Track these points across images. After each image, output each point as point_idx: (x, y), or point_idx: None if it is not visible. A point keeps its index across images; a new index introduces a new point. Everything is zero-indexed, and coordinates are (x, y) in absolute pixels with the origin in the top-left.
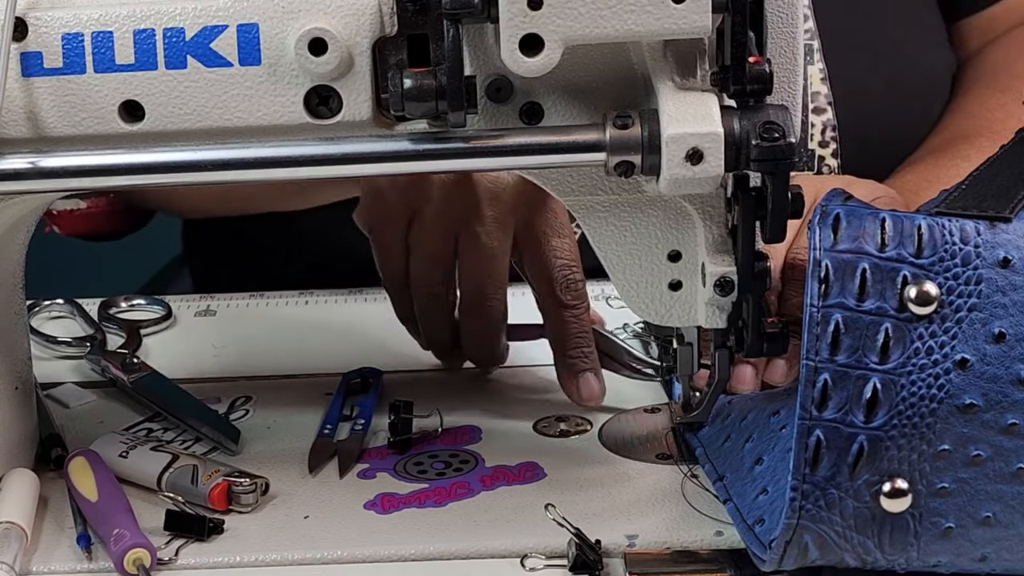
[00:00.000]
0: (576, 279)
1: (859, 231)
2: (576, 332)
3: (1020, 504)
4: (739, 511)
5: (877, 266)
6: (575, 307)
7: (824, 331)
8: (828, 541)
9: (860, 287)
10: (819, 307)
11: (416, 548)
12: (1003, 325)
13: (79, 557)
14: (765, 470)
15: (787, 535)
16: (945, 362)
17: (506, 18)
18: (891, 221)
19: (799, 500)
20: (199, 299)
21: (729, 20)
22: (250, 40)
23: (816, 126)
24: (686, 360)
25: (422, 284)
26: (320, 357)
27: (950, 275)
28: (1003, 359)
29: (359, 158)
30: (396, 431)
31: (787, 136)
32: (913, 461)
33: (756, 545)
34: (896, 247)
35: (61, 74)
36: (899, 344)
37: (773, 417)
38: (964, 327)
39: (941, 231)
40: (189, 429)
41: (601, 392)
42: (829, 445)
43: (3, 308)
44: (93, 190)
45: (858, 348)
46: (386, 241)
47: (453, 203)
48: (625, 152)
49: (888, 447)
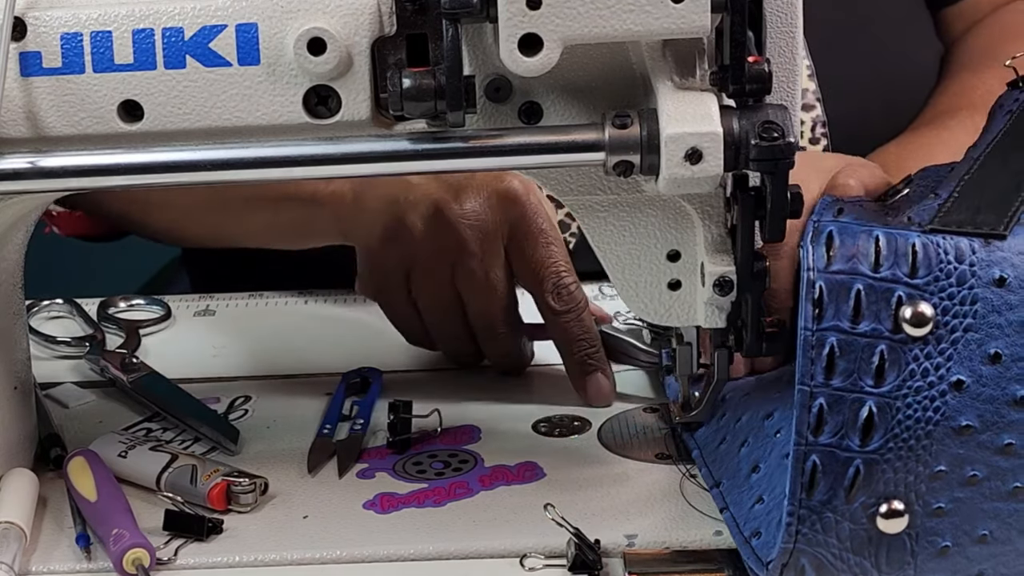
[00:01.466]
0: (565, 283)
1: (852, 250)
2: (578, 335)
3: (1016, 521)
4: (736, 521)
5: (871, 287)
6: (570, 311)
7: (819, 355)
8: (825, 563)
9: (855, 309)
10: (814, 330)
11: (415, 548)
12: (999, 346)
13: (78, 557)
14: (761, 478)
15: (784, 558)
16: (941, 384)
17: (505, 18)
18: (885, 239)
19: (795, 524)
20: (198, 299)
21: (728, 20)
22: (249, 40)
23: (806, 123)
24: (685, 360)
25: (444, 336)
26: (319, 357)
27: (945, 295)
28: (999, 380)
29: (358, 158)
30: (395, 431)
31: (786, 136)
32: (909, 483)
33: (753, 560)
34: (890, 267)
35: (60, 74)
36: (894, 367)
37: (767, 420)
38: (960, 348)
39: (936, 250)
40: (188, 429)
41: (611, 391)
42: (825, 470)
43: (2, 308)
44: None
45: (853, 371)
46: (393, 306)
47: (441, 247)
48: (624, 152)
49: (884, 470)
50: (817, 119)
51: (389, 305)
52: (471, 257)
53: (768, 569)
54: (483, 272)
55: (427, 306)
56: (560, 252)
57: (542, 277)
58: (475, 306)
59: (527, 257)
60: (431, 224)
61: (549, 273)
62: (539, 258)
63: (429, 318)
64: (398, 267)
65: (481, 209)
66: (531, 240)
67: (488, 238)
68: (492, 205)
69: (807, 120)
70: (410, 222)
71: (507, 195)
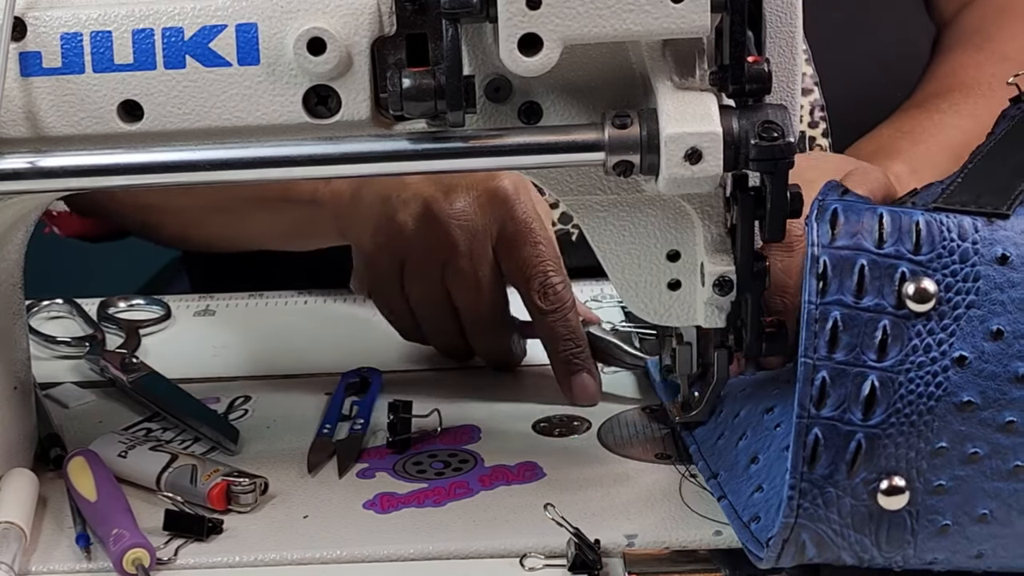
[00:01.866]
0: (552, 283)
1: (857, 227)
2: (564, 334)
3: (1016, 502)
4: (734, 508)
5: (875, 263)
6: (556, 311)
7: (822, 328)
8: (825, 539)
9: (858, 284)
10: (817, 304)
11: (415, 548)
12: (1001, 322)
13: (78, 557)
14: (760, 468)
15: (784, 534)
16: (943, 359)
17: (505, 18)
18: (889, 217)
19: (797, 499)
20: (198, 299)
21: (728, 19)
22: (249, 40)
23: (804, 107)
24: (685, 360)
25: (435, 332)
26: (319, 357)
27: (948, 272)
28: (1001, 356)
29: (358, 158)
30: (395, 431)
31: (786, 136)
32: (911, 459)
33: (752, 543)
34: (894, 243)
35: (60, 74)
36: (897, 341)
37: (767, 414)
38: (962, 324)
39: (939, 227)
40: (188, 429)
41: (596, 390)
42: (827, 443)
43: (2, 308)
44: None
45: (856, 346)
46: (387, 303)
47: (431, 245)
48: (624, 152)
49: (886, 445)
50: (815, 103)
51: (382, 301)
52: (460, 256)
53: (768, 546)
54: (472, 271)
55: (418, 302)
56: (548, 251)
57: (529, 276)
58: (464, 304)
59: (515, 256)
60: (421, 223)
61: (536, 272)
62: (526, 257)
63: (420, 314)
64: (390, 264)
65: (470, 208)
66: (519, 239)
67: (477, 237)
68: (482, 204)
69: (805, 104)
70: (401, 220)
71: (496, 194)
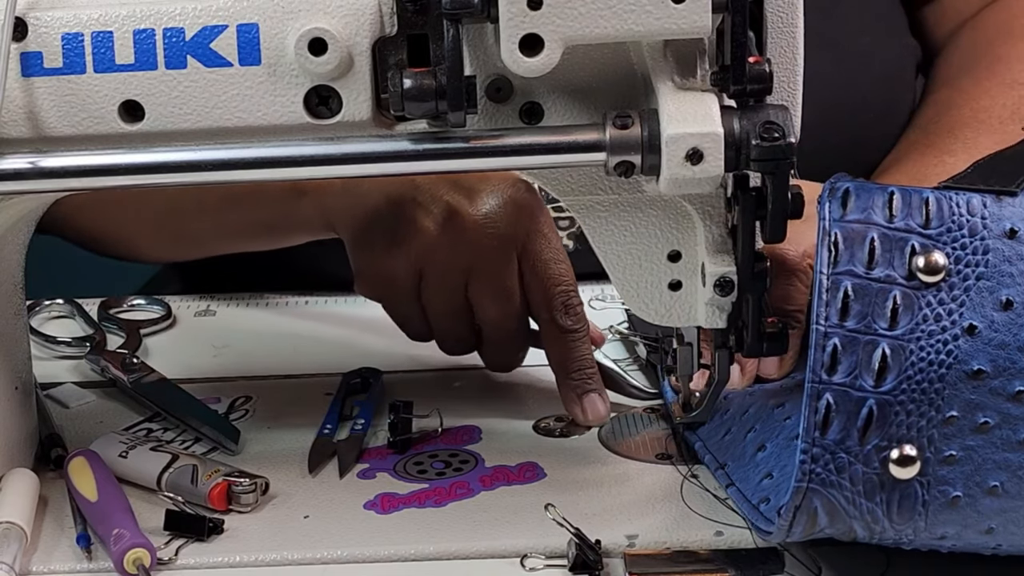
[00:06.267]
0: (575, 303)
1: (868, 203)
2: (579, 355)
3: None
4: (742, 493)
5: (886, 235)
6: (576, 331)
7: (834, 297)
8: (837, 507)
9: (869, 255)
10: (828, 274)
11: (416, 548)
12: (1011, 293)
13: (79, 557)
14: (768, 456)
15: (797, 500)
16: (953, 328)
17: (506, 18)
18: (899, 194)
19: (809, 463)
20: (199, 299)
21: (729, 20)
22: (250, 40)
23: None
24: (686, 360)
25: (449, 340)
26: (320, 357)
27: (957, 245)
28: (1011, 326)
29: (359, 158)
30: (396, 431)
31: (787, 136)
32: (922, 427)
33: (762, 521)
34: (904, 218)
35: (61, 74)
36: (908, 311)
37: (777, 409)
38: (972, 295)
39: (949, 203)
40: (189, 429)
41: (606, 412)
42: (839, 408)
43: (3, 308)
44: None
45: (867, 314)
46: (401, 310)
47: (458, 253)
48: (625, 152)
49: (897, 412)
50: None
51: (393, 306)
52: (487, 264)
53: (780, 515)
54: (500, 282)
55: (438, 313)
56: (569, 270)
57: (552, 295)
58: (490, 316)
59: (539, 272)
60: (445, 228)
61: (559, 292)
62: (551, 275)
63: (437, 323)
64: (408, 270)
65: (497, 216)
66: (545, 254)
67: (504, 247)
68: (508, 213)
69: None
70: (422, 225)
71: (522, 205)
